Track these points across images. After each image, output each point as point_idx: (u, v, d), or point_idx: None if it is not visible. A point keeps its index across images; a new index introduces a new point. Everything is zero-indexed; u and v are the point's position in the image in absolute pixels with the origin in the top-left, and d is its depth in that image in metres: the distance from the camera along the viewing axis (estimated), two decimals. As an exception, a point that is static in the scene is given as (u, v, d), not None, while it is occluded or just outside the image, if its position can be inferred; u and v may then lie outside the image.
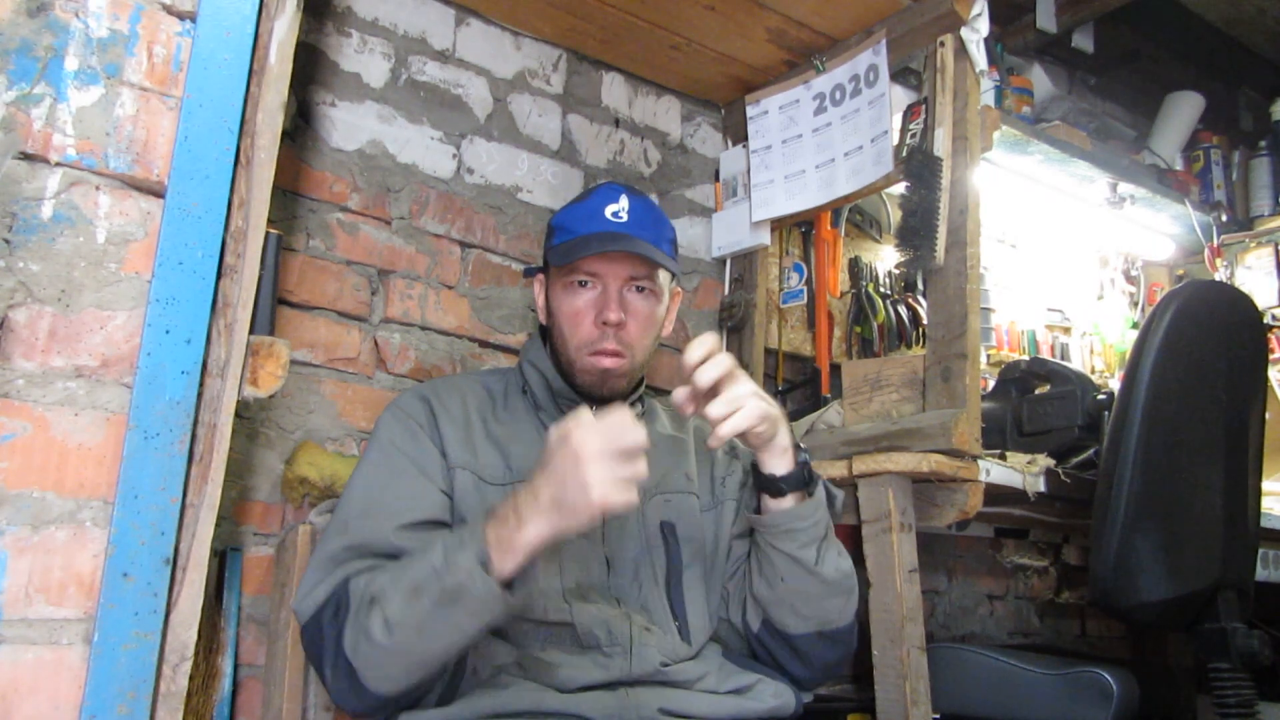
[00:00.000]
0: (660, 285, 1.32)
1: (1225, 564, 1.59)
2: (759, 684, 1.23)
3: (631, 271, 1.28)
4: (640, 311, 1.29)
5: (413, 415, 1.25)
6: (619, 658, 1.15)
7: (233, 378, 0.96)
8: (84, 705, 0.86)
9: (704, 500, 1.35)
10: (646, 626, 1.20)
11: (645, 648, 1.17)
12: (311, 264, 1.66)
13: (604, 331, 1.26)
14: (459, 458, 1.22)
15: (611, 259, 1.27)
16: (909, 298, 2.36)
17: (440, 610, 1.00)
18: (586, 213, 1.31)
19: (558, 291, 1.30)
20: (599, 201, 1.31)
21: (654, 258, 1.27)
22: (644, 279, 1.29)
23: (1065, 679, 1.68)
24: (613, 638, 1.16)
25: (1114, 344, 2.90)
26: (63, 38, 0.92)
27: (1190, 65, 3.08)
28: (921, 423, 1.67)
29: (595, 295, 1.27)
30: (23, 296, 0.88)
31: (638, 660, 1.16)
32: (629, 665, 1.15)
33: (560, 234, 1.32)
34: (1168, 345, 1.56)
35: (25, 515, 0.86)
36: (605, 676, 1.14)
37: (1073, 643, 2.79)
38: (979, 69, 1.79)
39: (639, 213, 1.30)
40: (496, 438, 1.27)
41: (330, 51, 1.73)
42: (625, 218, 1.29)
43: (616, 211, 1.29)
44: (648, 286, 1.30)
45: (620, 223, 1.28)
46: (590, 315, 1.27)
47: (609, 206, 1.30)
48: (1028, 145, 2.27)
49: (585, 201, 1.33)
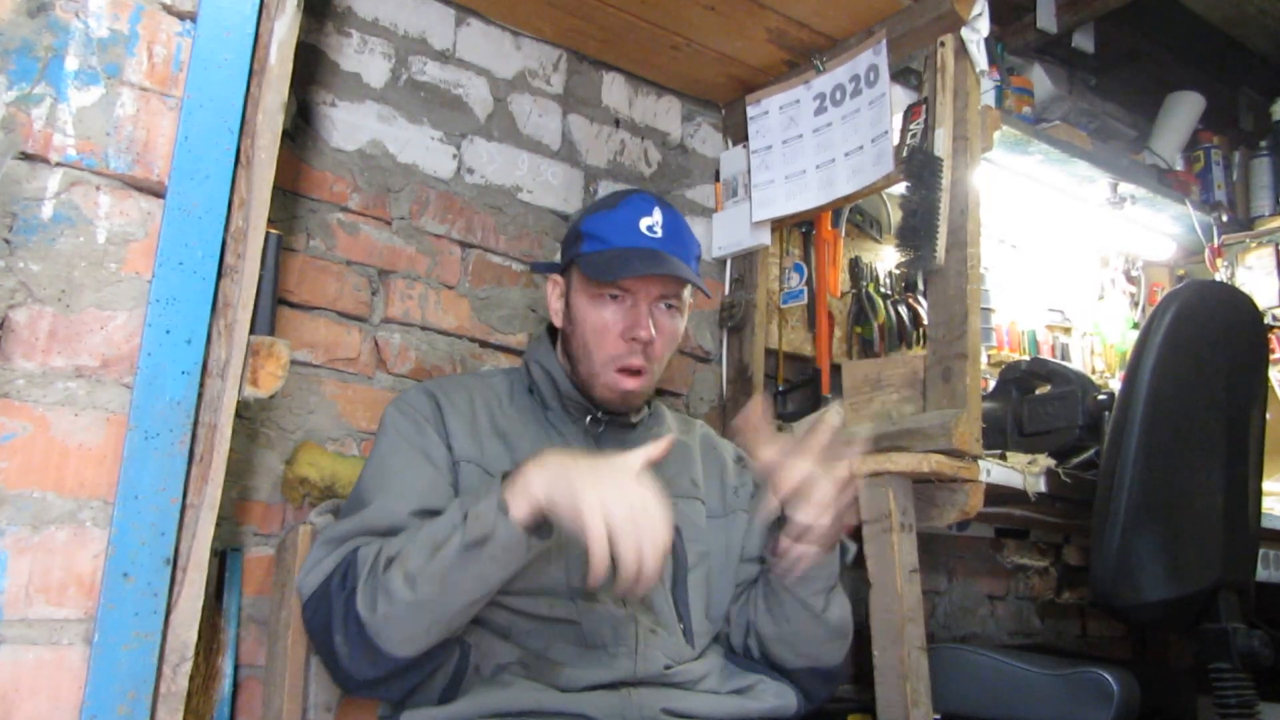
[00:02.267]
0: (685, 301, 1.32)
1: (1226, 564, 1.59)
2: (760, 684, 1.24)
3: (664, 290, 1.27)
4: (667, 329, 1.29)
5: (418, 410, 1.25)
6: (624, 658, 1.15)
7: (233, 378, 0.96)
8: (84, 705, 0.86)
9: (711, 506, 1.34)
10: (652, 628, 1.20)
11: (650, 649, 1.17)
12: (311, 264, 1.66)
13: (632, 347, 1.25)
14: (465, 451, 1.22)
15: (645, 276, 1.25)
16: (909, 298, 2.36)
17: (465, 559, 0.99)
18: (621, 224, 1.28)
19: (583, 300, 1.28)
20: (633, 214, 1.29)
21: (692, 280, 1.26)
22: (673, 296, 1.29)
23: (1065, 679, 1.68)
24: (619, 638, 1.16)
25: (1114, 344, 2.90)
26: (63, 38, 0.92)
27: (1190, 65, 3.08)
28: (922, 423, 1.67)
29: (625, 310, 1.26)
30: (23, 296, 0.88)
31: (643, 661, 1.16)
32: (634, 666, 1.15)
33: (591, 242, 1.29)
34: (1168, 345, 1.56)
35: (25, 515, 0.86)
36: (610, 676, 1.14)
37: (1073, 643, 2.79)
38: (979, 69, 1.79)
39: (672, 229, 1.29)
40: (503, 432, 1.26)
41: (330, 51, 1.73)
42: (660, 233, 1.27)
43: (651, 226, 1.27)
44: (675, 304, 1.29)
45: (655, 239, 1.27)
46: (618, 329, 1.26)
47: (644, 220, 1.28)
48: (1028, 145, 2.27)
49: (617, 210, 1.31)
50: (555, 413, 1.30)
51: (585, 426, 1.29)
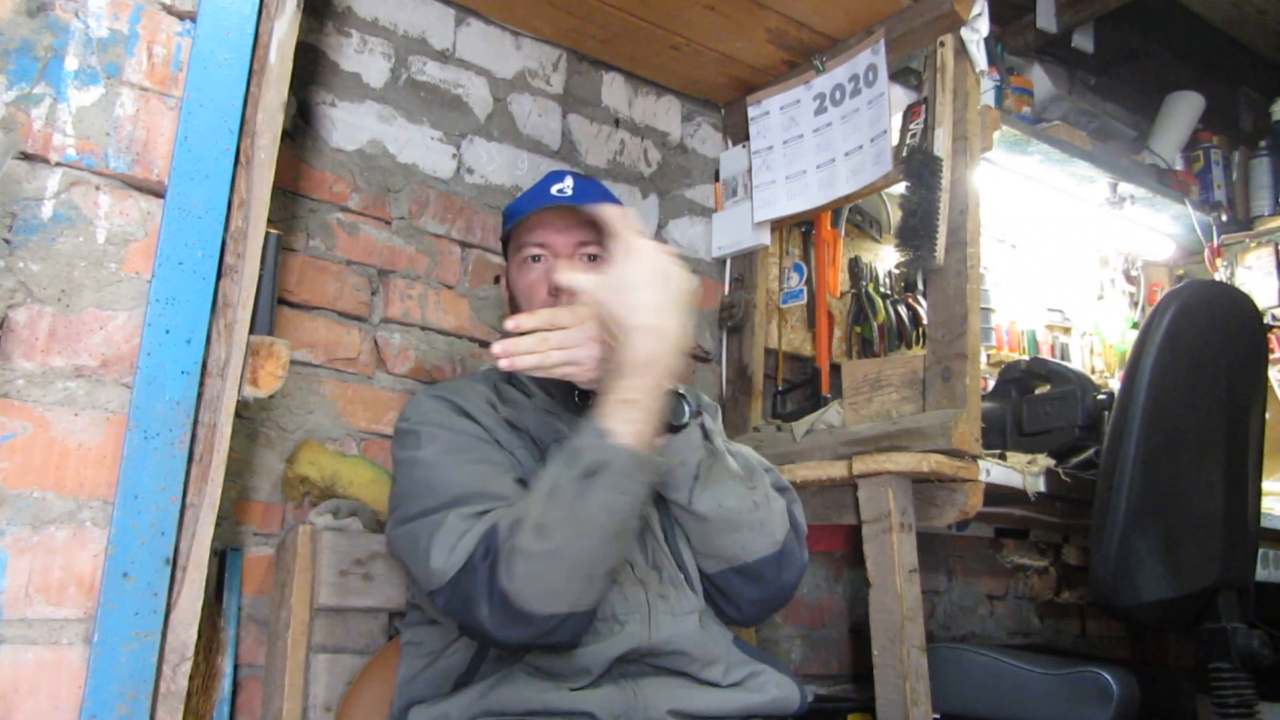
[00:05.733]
0: (611, 252, 1.30)
1: (1225, 564, 1.59)
2: (763, 674, 1.24)
3: (581, 237, 1.29)
4: None
5: (442, 408, 1.24)
6: (637, 625, 1.15)
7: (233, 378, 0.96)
8: (84, 705, 0.86)
9: None
10: (661, 593, 1.20)
11: (661, 614, 1.17)
12: (311, 264, 1.66)
13: (558, 298, 1.23)
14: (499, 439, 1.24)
15: (559, 229, 1.29)
16: (909, 298, 2.36)
17: (586, 493, 0.98)
18: (534, 193, 1.36)
19: (513, 272, 1.34)
20: (545, 183, 1.36)
21: (597, 215, 1.19)
22: (593, 244, 1.28)
23: (1065, 679, 1.68)
24: (630, 607, 1.16)
25: (1114, 344, 2.90)
26: (63, 38, 0.92)
27: (1190, 65, 3.08)
28: (921, 423, 1.67)
29: (546, 269, 1.28)
30: (23, 296, 0.88)
31: (655, 629, 1.15)
32: (648, 634, 1.15)
33: (512, 218, 1.36)
34: (1168, 345, 1.56)
35: (25, 515, 0.86)
36: (624, 647, 1.13)
37: (1073, 643, 2.79)
38: (979, 69, 1.79)
39: (582, 188, 1.33)
40: (512, 421, 1.28)
41: (330, 51, 1.73)
42: (570, 192, 1.32)
43: (561, 189, 1.32)
44: (600, 254, 1.27)
45: (565, 196, 1.31)
46: (543, 287, 1.28)
47: (554, 185, 1.33)
48: (1028, 145, 2.27)
49: (533, 186, 1.38)
50: (540, 398, 1.30)
51: (573, 405, 1.29)
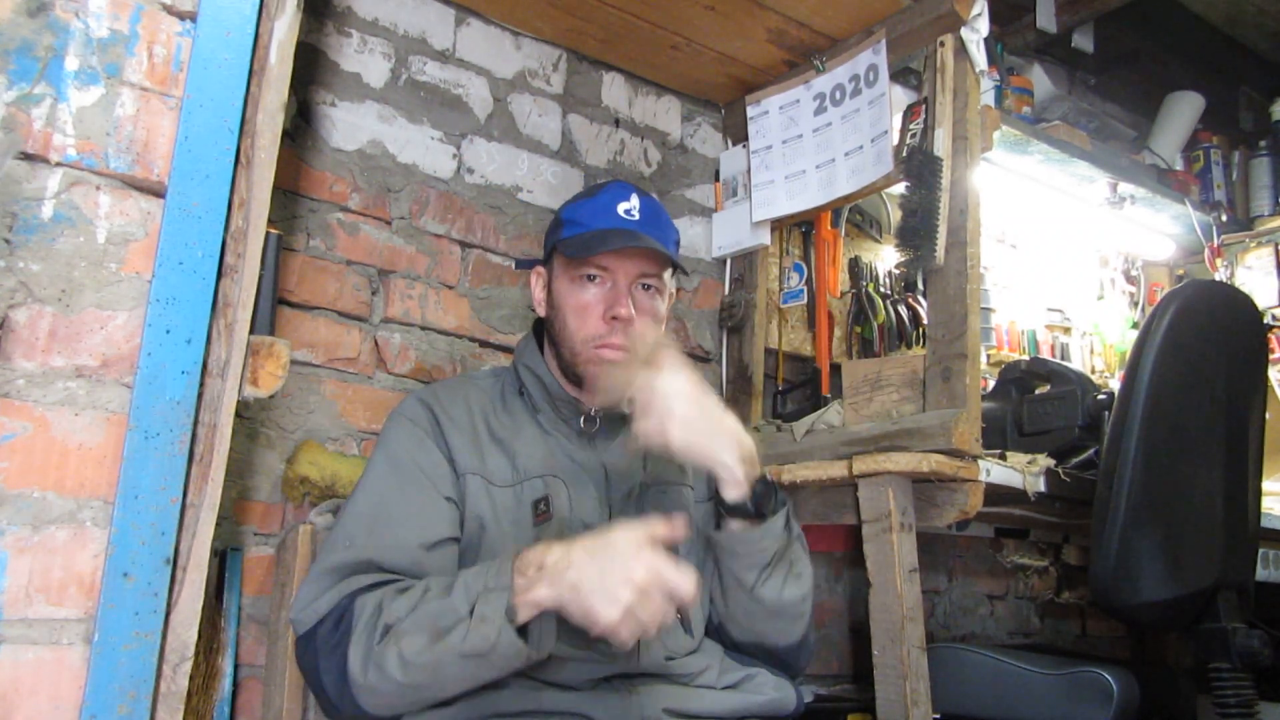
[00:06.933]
0: (665, 284, 1.33)
1: (1225, 564, 1.59)
2: (758, 676, 1.24)
3: (643, 269, 1.28)
4: (647, 309, 1.29)
5: (418, 423, 1.24)
6: (624, 653, 1.15)
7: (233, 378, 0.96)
8: (84, 705, 0.86)
9: (699, 491, 1.35)
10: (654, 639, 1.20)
11: (651, 642, 1.17)
12: (311, 264, 1.66)
13: (613, 326, 1.26)
14: (467, 464, 1.22)
15: (624, 255, 1.27)
16: (909, 298, 2.36)
17: (463, 662, 1.00)
18: (599, 208, 1.31)
19: (564, 284, 1.30)
20: (610, 199, 1.31)
21: (670, 256, 1.28)
22: (653, 277, 1.30)
23: (1065, 679, 1.68)
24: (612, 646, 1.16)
25: (1114, 344, 2.90)
26: (63, 38, 0.92)
27: (1190, 65, 3.08)
28: (921, 423, 1.67)
29: (605, 290, 1.28)
30: (23, 296, 0.88)
31: (644, 654, 1.16)
32: (635, 660, 1.15)
33: (571, 227, 1.31)
34: (1168, 345, 1.56)
35: (25, 515, 0.86)
36: (610, 671, 1.14)
37: (1073, 643, 2.79)
38: (979, 69, 1.79)
39: (649, 212, 1.31)
40: (501, 439, 1.26)
41: (330, 51, 1.73)
42: (637, 216, 1.30)
43: (629, 210, 1.30)
44: (654, 285, 1.30)
45: (633, 220, 1.29)
46: (599, 309, 1.27)
47: (621, 204, 1.30)
48: (1028, 145, 2.27)
49: (596, 197, 1.33)
50: (547, 415, 1.30)
51: (579, 427, 1.29)
